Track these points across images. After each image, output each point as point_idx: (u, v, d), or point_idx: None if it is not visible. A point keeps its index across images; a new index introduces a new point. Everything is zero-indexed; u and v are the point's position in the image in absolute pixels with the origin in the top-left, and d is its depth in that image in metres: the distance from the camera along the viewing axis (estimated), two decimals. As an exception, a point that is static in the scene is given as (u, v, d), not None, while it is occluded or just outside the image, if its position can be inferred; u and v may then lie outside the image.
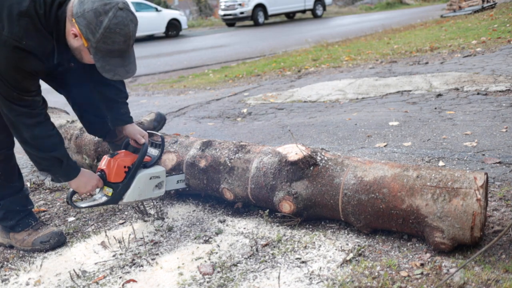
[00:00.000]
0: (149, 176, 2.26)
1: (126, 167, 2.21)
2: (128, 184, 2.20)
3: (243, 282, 1.73)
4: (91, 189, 2.14)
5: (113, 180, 2.19)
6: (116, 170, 2.18)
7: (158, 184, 2.31)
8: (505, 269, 1.63)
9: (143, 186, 2.24)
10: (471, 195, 1.71)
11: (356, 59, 7.21)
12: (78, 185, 2.10)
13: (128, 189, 2.20)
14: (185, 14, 25.81)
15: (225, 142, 2.42)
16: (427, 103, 4.01)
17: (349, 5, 27.72)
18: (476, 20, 9.76)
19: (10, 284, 1.89)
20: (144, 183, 2.25)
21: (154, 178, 2.28)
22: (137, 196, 2.24)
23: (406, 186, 1.84)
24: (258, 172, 2.18)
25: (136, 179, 2.22)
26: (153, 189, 2.30)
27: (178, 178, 2.46)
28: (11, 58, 1.77)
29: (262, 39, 13.55)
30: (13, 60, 1.78)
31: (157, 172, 2.29)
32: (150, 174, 2.26)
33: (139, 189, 2.23)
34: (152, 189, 2.29)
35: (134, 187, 2.21)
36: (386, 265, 1.74)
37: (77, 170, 2.09)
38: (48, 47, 1.86)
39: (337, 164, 2.07)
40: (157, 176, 2.29)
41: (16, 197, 2.15)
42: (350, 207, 1.96)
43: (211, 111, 4.78)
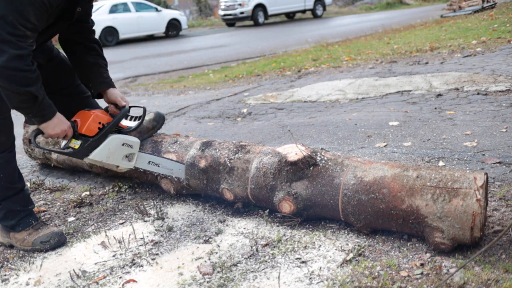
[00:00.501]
0: (122, 141, 2.18)
1: (100, 123, 2.12)
2: (98, 141, 2.11)
3: (243, 282, 1.73)
4: (59, 132, 2.03)
5: (84, 132, 2.09)
6: (90, 122, 2.09)
7: (129, 155, 2.23)
8: (505, 269, 1.63)
9: (113, 150, 2.15)
10: (471, 195, 1.71)
11: (356, 59, 7.21)
12: (47, 125, 1.99)
13: (98, 147, 2.11)
14: (185, 14, 25.81)
15: (225, 142, 2.42)
16: (427, 103, 4.01)
17: (349, 5, 27.71)
18: (476, 20, 9.76)
19: (10, 284, 1.89)
20: (115, 146, 2.16)
21: (126, 145, 2.20)
22: (105, 157, 2.15)
23: (406, 186, 1.84)
24: (258, 172, 2.18)
25: (108, 139, 2.13)
26: (123, 158, 2.21)
27: (151, 159, 2.37)
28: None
29: (262, 39, 13.55)
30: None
31: (131, 141, 2.22)
32: (124, 139, 2.19)
33: (108, 151, 2.14)
34: (122, 157, 2.21)
35: (104, 147, 2.12)
36: (386, 265, 1.74)
37: (52, 111, 1.98)
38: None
39: (337, 164, 2.07)
40: (130, 145, 2.21)
41: (16, 197, 2.15)
42: (350, 207, 1.96)
43: (211, 111, 4.78)
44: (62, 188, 2.92)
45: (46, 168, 3.31)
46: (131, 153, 2.24)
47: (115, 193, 2.74)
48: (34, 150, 3.20)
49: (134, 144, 2.24)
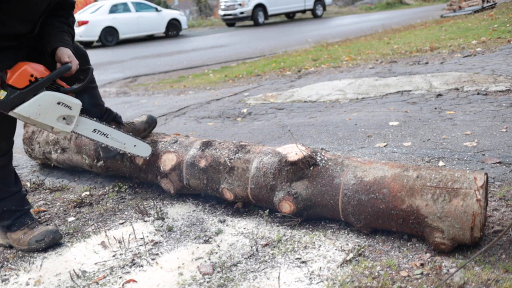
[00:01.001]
0: (57, 99, 1.98)
1: (33, 76, 1.93)
2: (27, 94, 1.92)
3: (243, 282, 1.73)
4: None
5: (12, 83, 1.90)
6: (20, 73, 1.90)
7: (67, 117, 2.03)
8: (505, 269, 1.63)
9: (45, 107, 1.95)
10: (471, 196, 1.71)
11: (356, 59, 7.21)
12: None
13: (26, 101, 1.92)
14: (185, 14, 25.82)
15: (225, 142, 2.42)
16: (427, 103, 4.01)
17: (349, 5, 27.71)
18: (476, 20, 9.76)
19: (10, 284, 1.89)
20: (48, 104, 1.96)
21: (63, 105, 2.00)
22: (34, 113, 1.94)
23: (406, 186, 1.84)
24: (258, 172, 2.18)
25: (40, 94, 1.94)
26: (58, 119, 2.01)
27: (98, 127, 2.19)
28: None
29: (262, 39, 13.55)
30: None
31: (69, 102, 2.01)
32: (59, 98, 1.98)
33: (39, 107, 1.94)
34: (57, 118, 2.00)
35: (34, 102, 1.93)
36: (386, 265, 1.74)
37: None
38: None
39: (337, 164, 2.07)
40: (68, 106, 2.00)
41: (12, 198, 2.16)
42: (350, 207, 1.96)
43: (211, 111, 4.78)
44: (62, 188, 2.92)
45: (46, 168, 3.32)
46: (69, 115, 2.03)
47: (115, 193, 2.74)
48: (34, 150, 3.20)
49: (73, 106, 2.02)
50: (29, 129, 3.23)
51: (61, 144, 3.00)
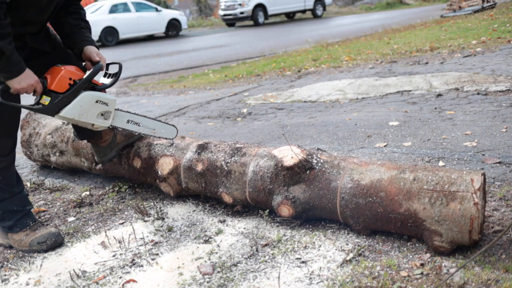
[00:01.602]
0: (95, 98, 2.10)
1: (71, 79, 2.03)
2: (69, 97, 2.02)
3: (243, 282, 1.73)
4: (26, 87, 1.91)
5: (54, 88, 2.00)
6: (60, 78, 2.00)
7: (105, 113, 2.15)
8: (505, 269, 1.63)
9: (87, 107, 2.08)
10: (468, 199, 1.70)
11: (356, 59, 7.21)
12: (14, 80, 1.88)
13: (69, 104, 2.03)
14: (185, 14, 25.81)
15: (221, 144, 2.40)
16: (427, 103, 4.01)
17: (349, 5, 27.71)
18: (476, 20, 9.76)
19: (10, 284, 1.89)
20: (89, 103, 2.08)
21: (101, 103, 2.12)
22: (78, 115, 2.07)
23: (403, 189, 1.83)
24: (255, 176, 2.17)
25: (80, 95, 2.05)
26: (97, 116, 2.14)
27: (130, 117, 2.32)
28: None
29: (262, 39, 13.54)
30: None
31: (106, 98, 2.13)
32: (97, 97, 2.10)
33: (80, 108, 2.06)
34: (97, 115, 2.13)
35: (76, 104, 2.04)
36: (386, 265, 1.74)
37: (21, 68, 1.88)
38: None
39: (333, 167, 2.05)
40: (105, 103, 2.13)
41: (14, 199, 2.15)
42: (348, 211, 1.95)
43: (211, 111, 4.78)
44: (62, 188, 2.92)
45: (46, 168, 3.31)
46: (106, 111, 2.15)
47: (115, 193, 2.74)
48: (33, 153, 3.19)
49: (109, 102, 2.15)
50: (26, 132, 3.21)
51: (59, 147, 2.97)
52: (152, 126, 2.42)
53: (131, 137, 2.63)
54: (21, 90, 1.95)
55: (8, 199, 2.12)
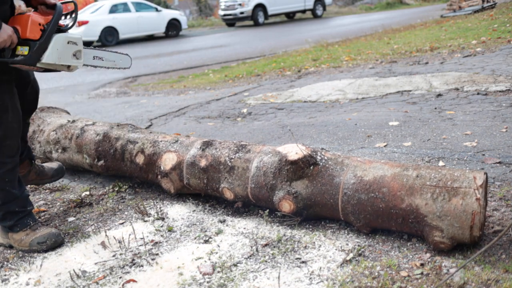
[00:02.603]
0: (67, 39, 2.11)
1: (41, 25, 2.03)
2: (45, 43, 2.03)
3: (243, 282, 1.73)
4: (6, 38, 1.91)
5: (29, 36, 1.99)
6: (31, 25, 2.00)
7: (76, 52, 2.17)
8: (505, 269, 1.64)
9: (62, 49, 2.09)
10: (471, 195, 1.71)
11: (356, 59, 7.21)
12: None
13: (47, 50, 2.04)
14: (185, 14, 25.81)
15: (226, 142, 2.43)
16: (427, 103, 4.01)
17: (349, 5, 27.71)
18: (476, 20, 9.76)
19: (10, 284, 1.89)
20: (62, 45, 2.10)
21: (71, 43, 2.14)
22: (57, 59, 2.09)
23: (406, 185, 1.84)
24: (258, 172, 2.18)
25: (53, 39, 2.06)
26: (72, 57, 2.15)
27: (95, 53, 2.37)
28: None
29: (262, 39, 13.55)
30: None
31: (75, 38, 2.15)
32: (68, 37, 2.12)
33: (57, 51, 2.08)
34: (71, 56, 2.15)
35: (53, 48, 2.05)
36: (386, 265, 1.74)
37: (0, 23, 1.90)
38: None
39: (337, 163, 2.07)
40: (75, 43, 2.15)
41: (16, 200, 2.15)
42: (350, 207, 1.96)
43: (211, 111, 4.78)
44: (62, 188, 2.92)
45: (46, 168, 3.31)
46: (77, 50, 2.17)
47: (115, 193, 2.74)
48: (34, 149, 3.20)
49: (78, 41, 2.17)
50: (30, 129, 3.23)
51: (62, 143, 3.00)
52: (112, 58, 2.50)
53: (42, 179, 2.62)
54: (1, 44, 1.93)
55: (9, 201, 2.13)
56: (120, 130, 2.81)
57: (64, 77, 8.89)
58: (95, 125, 2.95)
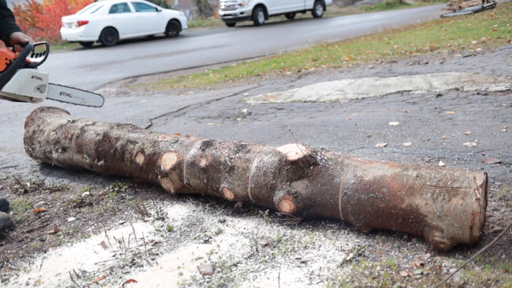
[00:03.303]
0: (31, 74, 2.41)
1: (7, 59, 2.36)
2: (8, 75, 2.35)
3: (243, 282, 1.73)
4: None
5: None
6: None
7: (41, 87, 2.47)
8: (505, 269, 1.64)
9: (24, 82, 2.40)
10: (471, 195, 1.71)
11: (356, 59, 7.21)
12: None
13: (8, 81, 2.36)
14: (185, 14, 25.81)
15: (226, 142, 2.43)
16: (427, 103, 4.01)
17: (349, 5, 27.72)
18: (476, 20, 9.76)
19: (10, 284, 1.89)
20: (25, 79, 2.40)
21: (36, 78, 2.44)
22: (17, 89, 2.39)
23: (406, 185, 1.84)
24: (258, 172, 2.18)
25: (17, 72, 2.38)
26: (35, 90, 2.45)
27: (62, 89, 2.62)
28: None
29: (262, 39, 13.55)
30: None
31: (40, 74, 2.44)
32: (32, 73, 2.42)
33: (19, 84, 2.39)
34: (34, 89, 2.45)
35: (15, 80, 2.37)
36: (386, 265, 1.74)
37: None
38: None
39: (337, 163, 2.07)
40: (39, 78, 2.44)
41: None
42: (350, 207, 1.96)
43: (211, 111, 4.78)
44: (62, 188, 2.92)
45: (46, 168, 3.32)
46: (41, 84, 2.46)
47: (115, 193, 2.74)
48: (35, 149, 3.20)
49: (43, 77, 2.46)
50: (30, 129, 3.24)
51: (62, 143, 3.00)
52: (81, 96, 2.73)
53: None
54: None
55: None
56: (120, 130, 2.81)
57: (64, 77, 8.90)
58: (95, 125, 2.95)
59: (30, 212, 2.57)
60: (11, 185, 3.02)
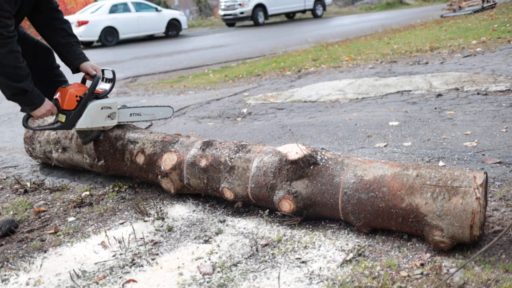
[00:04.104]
0: (100, 106, 2.48)
1: (78, 96, 2.43)
2: (80, 111, 2.44)
3: (243, 282, 1.73)
4: (46, 113, 2.37)
5: (66, 108, 2.42)
6: (68, 98, 2.41)
7: (111, 114, 2.54)
8: (505, 269, 1.64)
9: (95, 115, 2.47)
10: (471, 194, 1.71)
11: (356, 59, 7.21)
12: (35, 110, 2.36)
13: (80, 117, 2.45)
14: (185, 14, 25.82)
15: (226, 142, 2.43)
16: (427, 103, 4.01)
17: (349, 5, 27.72)
18: (476, 20, 9.76)
19: (10, 284, 1.89)
20: (96, 111, 2.47)
21: (105, 108, 2.51)
22: (89, 123, 2.48)
23: (406, 185, 1.84)
24: (259, 171, 2.18)
25: (87, 107, 2.45)
26: (105, 119, 2.53)
27: (132, 111, 2.67)
28: None
29: (262, 39, 13.55)
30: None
31: (109, 103, 2.51)
32: (102, 104, 2.49)
33: (91, 117, 2.47)
34: (105, 118, 2.53)
35: (86, 115, 2.45)
36: (386, 265, 1.74)
37: (41, 99, 2.33)
38: None
39: (337, 163, 2.07)
40: (109, 107, 2.51)
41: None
42: (350, 206, 1.96)
43: (211, 111, 4.78)
44: (62, 188, 2.92)
45: (46, 168, 3.32)
46: (111, 112, 2.54)
47: (115, 193, 2.74)
48: (35, 149, 3.20)
49: (112, 105, 2.53)
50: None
51: (62, 143, 3.00)
52: (151, 112, 2.76)
53: None
54: (42, 116, 2.40)
55: None
56: (120, 130, 2.81)
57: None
58: (95, 125, 2.95)
59: (30, 212, 2.57)
60: (11, 185, 3.02)
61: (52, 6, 2.55)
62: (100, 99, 2.50)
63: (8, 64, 2.16)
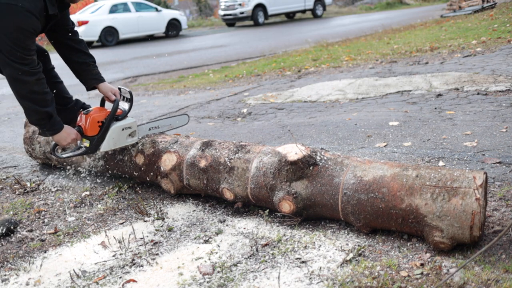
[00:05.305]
0: (121, 127, 2.58)
1: (99, 121, 2.53)
2: (102, 136, 2.53)
3: (243, 282, 1.73)
4: (71, 141, 2.50)
5: (89, 134, 2.52)
6: (91, 125, 2.52)
7: (131, 133, 2.63)
8: (505, 269, 1.64)
9: (117, 137, 2.57)
10: (470, 194, 1.71)
11: (356, 59, 7.21)
12: (60, 138, 2.47)
13: (103, 141, 2.54)
14: (185, 14, 25.81)
15: (225, 142, 2.43)
16: (427, 103, 4.01)
17: (349, 5, 27.72)
18: (476, 20, 9.76)
19: (10, 284, 1.89)
20: (118, 134, 2.57)
21: (126, 129, 2.60)
22: (113, 145, 2.57)
23: (406, 185, 1.84)
24: (258, 172, 2.18)
25: (110, 131, 2.54)
26: (127, 138, 2.62)
27: (150, 125, 2.76)
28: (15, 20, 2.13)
29: (262, 39, 13.55)
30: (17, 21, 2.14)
31: (129, 124, 2.61)
32: (122, 125, 2.58)
33: (113, 140, 2.56)
34: (126, 138, 2.61)
35: (109, 138, 2.55)
36: (386, 265, 1.74)
37: (61, 125, 2.46)
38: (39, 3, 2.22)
39: (336, 163, 2.07)
40: (129, 127, 2.61)
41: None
42: (350, 207, 1.96)
43: (211, 111, 4.78)
44: (62, 188, 2.92)
45: (46, 168, 3.31)
46: (132, 131, 2.63)
47: (115, 193, 2.74)
48: (35, 150, 3.20)
49: (132, 125, 2.62)
50: (30, 129, 3.23)
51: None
52: (168, 123, 2.86)
53: None
54: (67, 145, 2.53)
55: None
56: (120, 130, 2.81)
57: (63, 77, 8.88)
58: (95, 125, 2.94)
59: (30, 212, 2.57)
60: (11, 185, 3.02)
61: (68, 28, 2.63)
62: (120, 120, 2.59)
63: (37, 91, 2.31)
